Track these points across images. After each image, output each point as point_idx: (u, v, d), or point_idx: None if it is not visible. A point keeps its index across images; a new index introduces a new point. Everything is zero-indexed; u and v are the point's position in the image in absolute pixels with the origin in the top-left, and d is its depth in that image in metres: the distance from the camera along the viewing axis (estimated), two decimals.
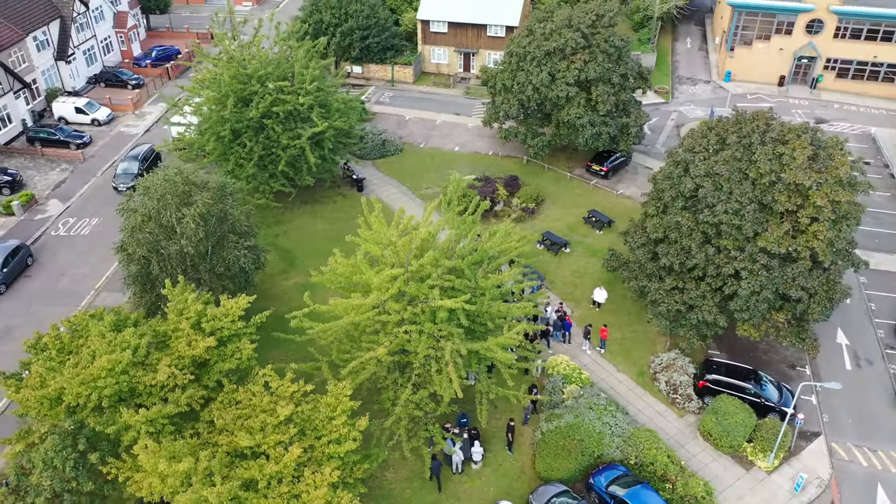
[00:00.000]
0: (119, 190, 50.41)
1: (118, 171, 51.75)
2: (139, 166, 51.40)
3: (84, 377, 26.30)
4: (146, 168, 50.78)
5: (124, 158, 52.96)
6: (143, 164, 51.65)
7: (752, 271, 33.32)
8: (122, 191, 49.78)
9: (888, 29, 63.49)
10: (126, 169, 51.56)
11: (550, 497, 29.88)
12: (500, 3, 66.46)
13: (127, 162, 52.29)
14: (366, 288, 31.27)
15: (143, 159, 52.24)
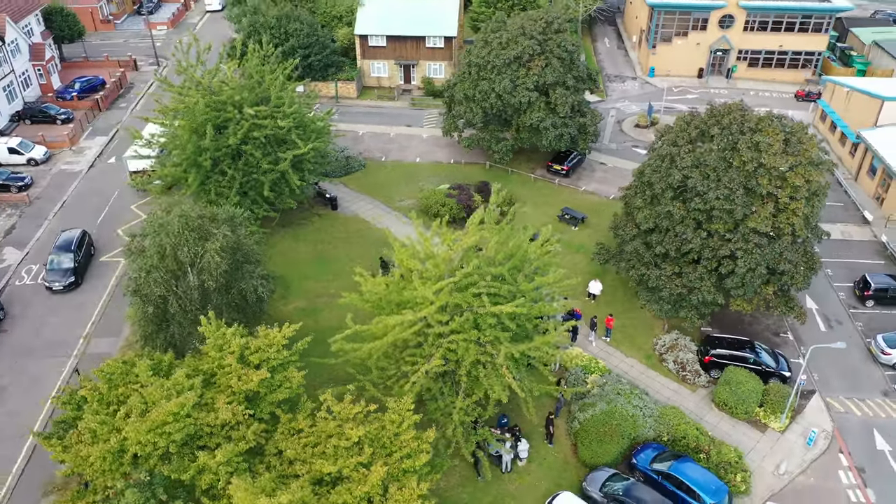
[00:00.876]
0: (54, 290, 43.50)
1: (48, 265, 44.08)
2: (74, 258, 44.25)
3: (150, 425, 25.54)
4: (83, 258, 44.94)
5: (52, 250, 45.12)
6: (78, 254, 44.67)
7: (746, 250, 36.35)
8: (57, 290, 43.49)
9: (790, 20, 69.78)
10: (58, 263, 43.96)
11: (604, 481, 31.58)
12: (436, 15, 67.91)
13: (56, 254, 44.51)
14: (406, 303, 31.75)
15: (77, 247, 44.97)
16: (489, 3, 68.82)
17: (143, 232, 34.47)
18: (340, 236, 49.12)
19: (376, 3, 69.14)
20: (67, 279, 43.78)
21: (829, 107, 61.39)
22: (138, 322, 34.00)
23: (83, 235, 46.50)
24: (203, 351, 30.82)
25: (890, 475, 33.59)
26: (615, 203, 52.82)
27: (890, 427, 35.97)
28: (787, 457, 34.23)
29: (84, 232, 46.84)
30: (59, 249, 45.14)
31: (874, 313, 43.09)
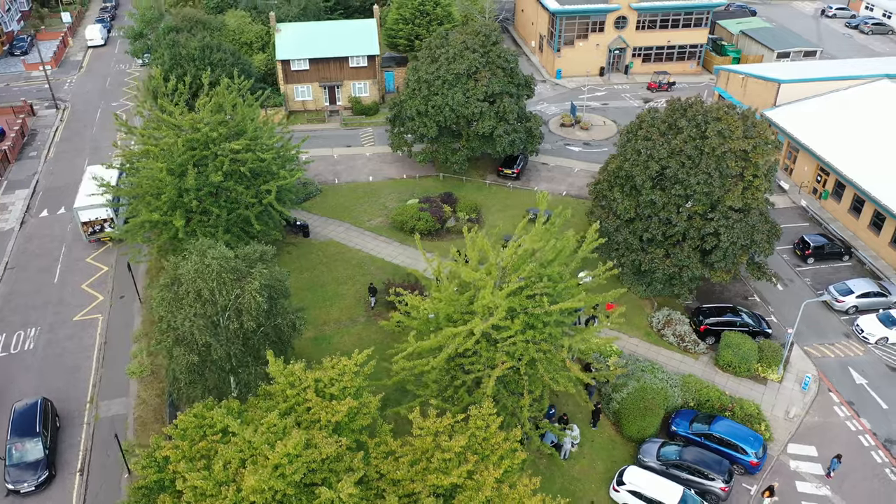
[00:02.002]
0: (20, 492, 33.40)
1: (9, 459, 33.81)
2: (42, 443, 34.32)
3: (267, 473, 25.25)
4: (52, 438, 35.32)
5: (8, 435, 34.63)
6: (45, 436, 34.85)
7: (727, 226, 40.73)
8: (24, 492, 33.46)
9: (675, 17, 76.94)
10: (22, 455, 33.90)
11: (658, 449, 34.48)
12: (357, 35, 68.67)
13: (20, 440, 34.33)
14: (461, 315, 32.92)
15: (43, 426, 35.06)
16: (406, 19, 70.44)
17: (171, 280, 33.28)
18: (321, 262, 49.02)
19: (293, 28, 68.85)
20: (39, 475, 33.63)
21: (726, 92, 68.54)
22: (181, 373, 32.71)
23: (45, 405, 36.13)
24: (272, 391, 30.49)
25: (874, 404, 38.96)
26: (569, 199, 56.44)
27: (860, 363, 41.58)
28: (790, 403, 38.81)
29: (45, 401, 36.42)
30: (18, 433, 34.56)
31: (816, 268, 49.21)
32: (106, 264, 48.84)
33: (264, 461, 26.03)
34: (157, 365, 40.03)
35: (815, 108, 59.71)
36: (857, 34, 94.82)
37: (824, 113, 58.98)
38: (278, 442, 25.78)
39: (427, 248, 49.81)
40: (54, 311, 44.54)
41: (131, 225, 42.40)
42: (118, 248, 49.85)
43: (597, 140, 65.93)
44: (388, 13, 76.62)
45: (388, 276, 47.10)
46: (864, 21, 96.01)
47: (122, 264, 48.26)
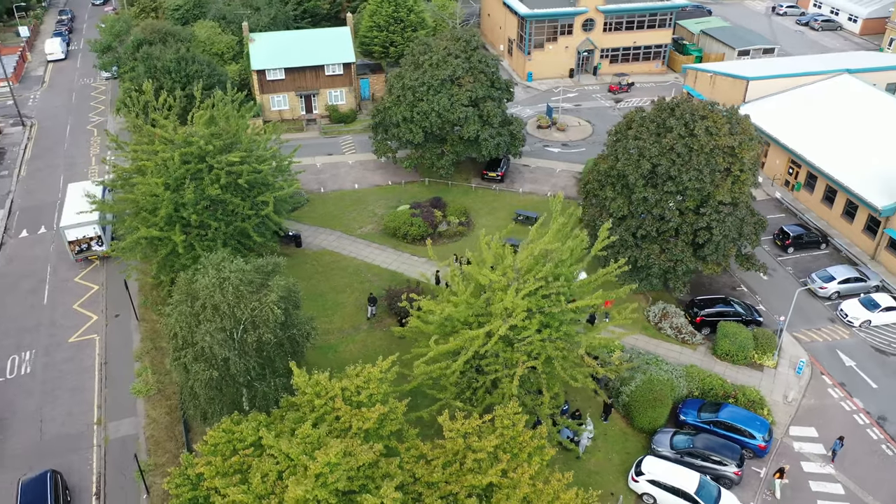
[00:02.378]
0: None
1: None
2: None
3: (311, 482, 25.36)
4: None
5: None
6: None
7: (719, 220, 42.22)
8: None
9: (640, 19, 78.98)
10: None
11: (671, 439, 35.60)
12: (332, 43, 68.68)
13: None
14: (477, 318, 33.44)
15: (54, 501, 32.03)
16: (380, 26, 70.73)
17: (186, 295, 32.98)
18: (317, 271, 48.99)
19: (267, 38, 68.48)
20: None
21: (695, 90, 70.66)
22: (201, 389, 32.42)
23: (55, 479, 33.11)
24: (297, 402, 30.53)
25: (864, 384, 40.84)
26: (555, 200, 57.40)
27: (846, 346, 43.52)
28: (787, 387, 40.42)
29: (54, 474, 33.40)
30: None
31: (797, 257, 51.23)
32: (96, 283, 47.90)
33: (303, 472, 26.15)
34: (163, 383, 39.55)
35: (783, 104, 62.07)
36: (808, 31, 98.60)
37: (792, 108, 61.37)
38: (318, 451, 25.92)
39: (420, 254, 50.47)
40: (48, 333, 43.56)
41: (128, 242, 41.69)
42: (107, 266, 49.00)
43: (574, 141, 67.26)
44: (360, 20, 76.82)
45: (386, 284, 47.36)
46: (814, 18, 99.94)
47: (114, 282, 47.46)
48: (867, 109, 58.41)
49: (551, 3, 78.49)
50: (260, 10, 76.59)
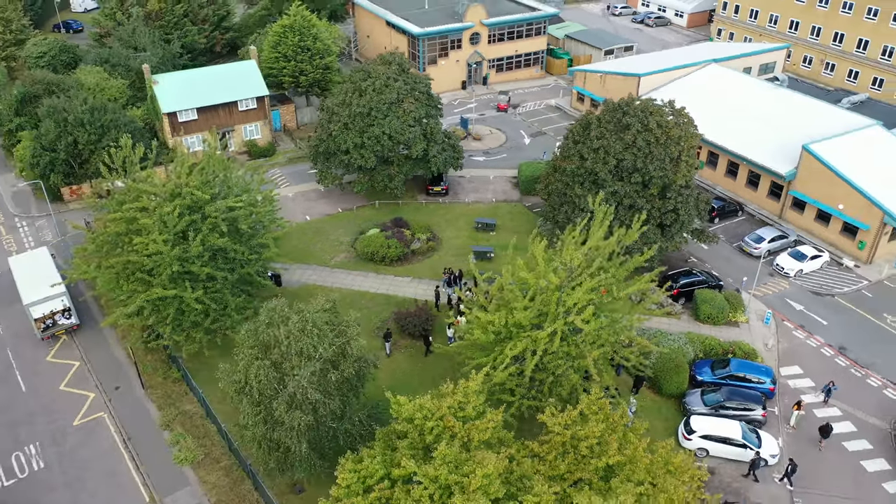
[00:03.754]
0: None
1: None
2: None
3: (481, 497, 26.48)
4: None
5: None
6: None
7: (684, 202, 47.74)
8: None
9: (519, 29, 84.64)
10: None
11: (701, 397, 40.18)
12: (241, 77, 67.17)
13: None
14: (539, 318, 35.76)
15: None
16: (287, 56, 69.97)
17: (258, 347, 32.23)
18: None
19: (172, 79, 65.57)
20: None
21: (585, 90, 77.25)
22: (300, 436, 31.71)
23: None
24: (403, 430, 31.10)
25: (817, 323, 48.08)
26: (500, 205, 60.89)
27: (791, 294, 50.83)
28: (763, 337, 46.69)
29: None
30: None
31: (723, 226, 58.47)
32: (72, 359, 44.13)
33: (460, 489, 27.17)
34: (207, 445, 37.80)
35: (671, 94, 69.62)
36: (644, 28, 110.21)
37: (679, 96, 69.09)
38: (476, 466, 27.09)
39: (403, 274, 51.68)
40: (46, 422, 39.71)
41: (132, 309, 39.17)
42: (78, 339, 45.29)
43: (493, 148, 71.03)
44: (247, 54, 75.38)
45: (382, 309, 48.03)
46: (648, 16, 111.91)
47: (95, 355, 44.15)
48: (741, 91, 67.59)
49: (435, 19, 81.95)
50: (146, 50, 72.77)
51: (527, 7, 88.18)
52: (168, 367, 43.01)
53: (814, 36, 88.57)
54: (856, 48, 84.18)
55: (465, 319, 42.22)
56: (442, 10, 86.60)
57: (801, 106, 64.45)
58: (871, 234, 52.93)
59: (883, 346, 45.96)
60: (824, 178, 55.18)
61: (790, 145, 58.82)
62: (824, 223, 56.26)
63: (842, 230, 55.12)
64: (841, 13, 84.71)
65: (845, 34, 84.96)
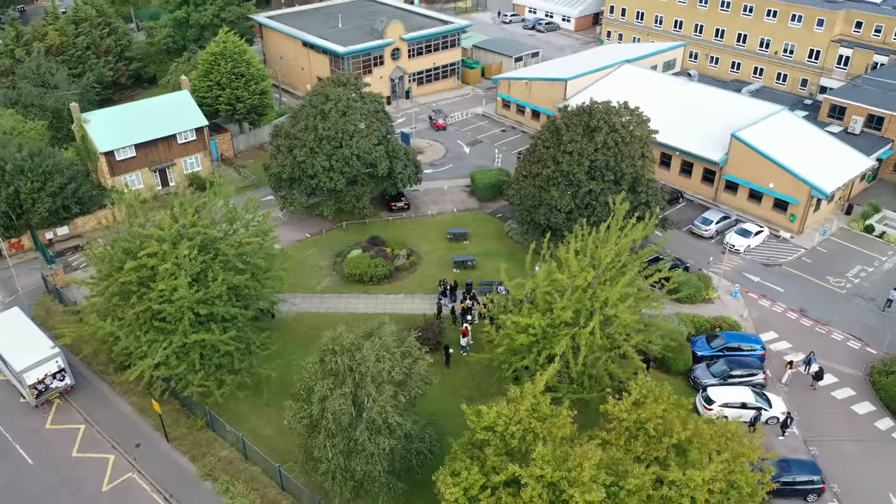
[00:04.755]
0: None
1: None
2: None
3: (597, 490, 28.01)
4: None
5: None
6: None
7: (654, 194, 51.65)
8: None
9: (435, 43, 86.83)
10: None
11: (708, 369, 43.88)
12: (178, 109, 64.64)
13: None
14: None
15: None
16: (220, 84, 67.89)
17: (332, 377, 32.08)
18: (313, 337, 46.97)
19: (104, 116, 62.07)
20: None
21: (511, 97, 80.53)
22: (382, 461, 31.84)
23: None
24: (483, 438, 32.04)
25: (775, 291, 53.45)
26: (463, 214, 62.64)
27: (746, 268, 56.07)
28: (736, 309, 51.37)
29: None
30: None
31: (668, 212, 63.26)
32: (75, 422, 41.28)
33: (569, 485, 28.63)
34: (258, 488, 36.79)
35: (596, 95, 73.96)
36: (537, 34, 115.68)
37: (604, 97, 73.67)
38: (583, 460, 28.66)
39: (394, 292, 52.29)
40: (70, 492, 37.00)
41: (159, 358, 37.35)
42: (75, 399, 42.41)
43: (437, 160, 72.59)
44: (171, 83, 72.68)
45: (398, 326, 48.07)
46: (539, 22, 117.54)
47: (101, 414, 41.60)
48: (660, 88, 73.22)
49: (353, 37, 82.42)
50: (58, 87, 68.25)
51: (438, 20, 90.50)
52: (185, 416, 41.26)
53: (697, 33, 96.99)
54: (736, 42, 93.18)
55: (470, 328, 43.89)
56: (356, 27, 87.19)
57: (716, 98, 70.88)
58: (801, 207, 59.43)
59: (834, 305, 51.94)
60: (753, 161, 61.23)
61: (717, 134, 64.68)
62: (757, 202, 62.40)
63: (773, 206, 61.42)
64: (720, 11, 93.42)
65: (726, 30, 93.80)
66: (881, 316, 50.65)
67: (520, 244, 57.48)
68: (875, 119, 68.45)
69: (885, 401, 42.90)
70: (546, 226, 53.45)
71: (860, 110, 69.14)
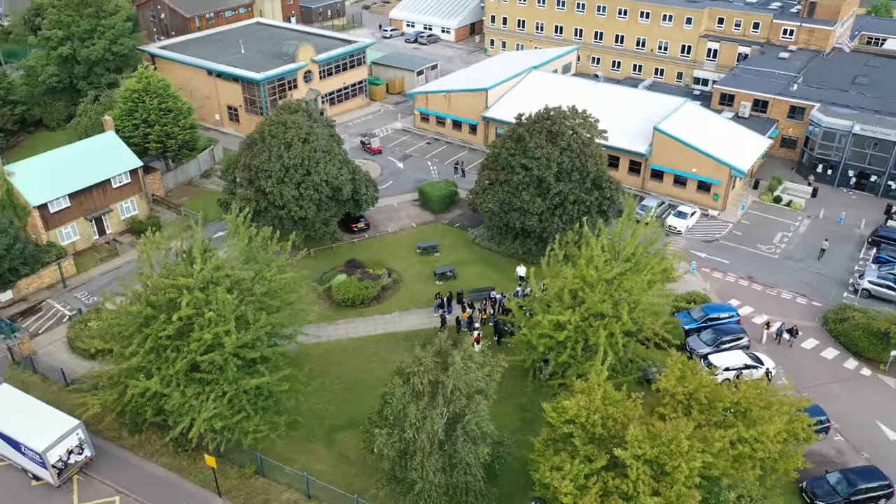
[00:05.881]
0: None
1: None
2: None
3: (700, 456, 30.89)
4: None
5: None
6: None
7: (615, 190, 55.89)
8: None
9: (344, 63, 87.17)
10: None
11: (700, 339, 48.52)
12: (108, 152, 60.77)
13: None
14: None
15: None
16: (148, 122, 64.20)
17: (428, 392, 32.64)
18: (321, 368, 46.86)
19: (30, 167, 57.05)
20: None
21: (430, 110, 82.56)
22: (479, 469, 32.80)
23: None
24: (569, 430, 34.04)
25: (721, 263, 59.57)
26: (423, 228, 63.96)
27: (691, 246, 61.87)
28: (698, 284, 56.79)
29: None
30: None
31: None
32: (107, 495, 38.44)
33: (678, 452, 31.27)
34: None
35: (515, 101, 78.07)
36: (421, 46, 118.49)
37: (523, 102, 77.67)
38: (678, 433, 31.44)
39: (387, 311, 52.86)
40: None
41: (213, 411, 35.65)
42: (99, 471, 39.43)
43: (377, 178, 73.01)
44: (84, 123, 67.95)
45: (394, 348, 48.73)
46: (420, 35, 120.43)
47: (133, 482, 38.98)
48: (573, 90, 78.15)
49: (260, 63, 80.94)
50: None
51: (340, 40, 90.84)
52: (228, 466, 39.68)
53: (578, 37, 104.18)
54: (615, 42, 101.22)
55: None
56: (260, 52, 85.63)
57: (627, 95, 77.12)
58: (723, 186, 66.45)
59: (773, 269, 58.86)
60: (676, 150, 67.56)
61: (639, 128, 70.56)
62: (682, 186, 68.87)
63: (697, 188, 68.09)
64: (597, 16, 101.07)
65: (604, 32, 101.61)
66: (816, 274, 58.09)
67: (489, 250, 59.87)
68: (760, 103, 77.61)
69: (846, 344, 49.57)
70: (521, 229, 56.15)
71: (747, 97, 78.12)
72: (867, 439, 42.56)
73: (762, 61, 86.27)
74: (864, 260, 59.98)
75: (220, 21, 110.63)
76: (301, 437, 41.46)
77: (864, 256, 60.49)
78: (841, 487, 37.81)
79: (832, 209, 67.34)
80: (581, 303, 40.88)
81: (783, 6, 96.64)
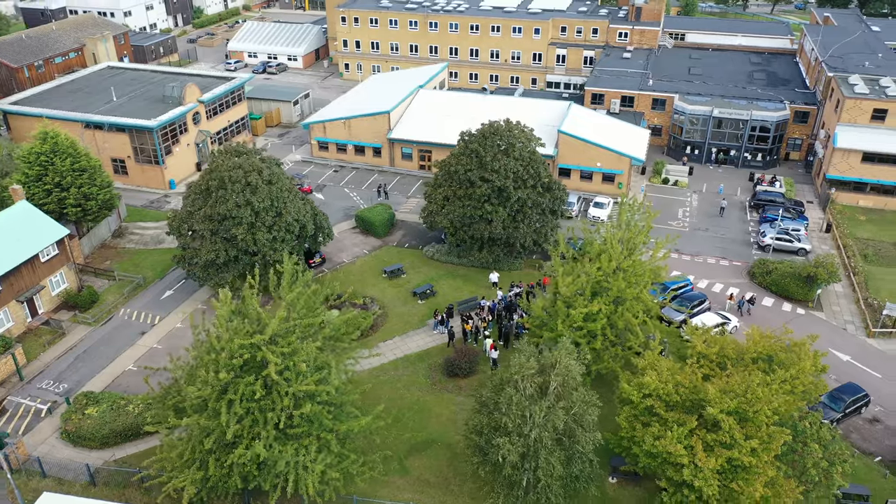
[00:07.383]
0: None
1: None
2: None
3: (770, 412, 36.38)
4: None
5: None
6: None
7: (563, 192, 61.18)
8: None
9: (226, 100, 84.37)
10: None
11: (673, 309, 55.05)
12: (30, 224, 54.54)
13: None
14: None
15: None
16: (63, 185, 57.98)
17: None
18: (373, 399, 46.66)
19: None
20: None
21: (328, 138, 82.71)
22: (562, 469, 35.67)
23: None
24: (646, 405, 38.11)
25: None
26: (378, 252, 64.91)
27: None
28: None
29: None
30: None
31: None
32: None
33: (749, 405, 36.53)
34: None
35: (415, 119, 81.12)
36: (270, 76, 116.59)
37: (420, 120, 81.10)
38: (751, 384, 36.72)
39: (385, 338, 53.87)
40: None
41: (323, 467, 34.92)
42: None
43: None
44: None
45: (404, 373, 49.86)
46: (268, 65, 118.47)
47: None
48: (465, 104, 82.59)
49: (141, 109, 76.28)
50: None
51: (215, 78, 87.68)
52: None
53: (433, 53, 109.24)
54: (470, 56, 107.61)
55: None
56: (136, 97, 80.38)
57: (517, 104, 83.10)
58: (625, 176, 74.65)
59: (688, 240, 67.53)
60: (579, 148, 74.65)
61: (539, 133, 76.35)
62: (588, 180, 76.19)
63: (602, 180, 75.75)
64: (451, 32, 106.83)
65: (458, 48, 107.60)
66: (723, 238, 67.69)
67: (450, 263, 62.40)
68: (627, 99, 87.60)
69: (777, 292, 58.87)
70: (488, 237, 59.41)
71: (615, 94, 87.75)
72: (828, 362, 51.35)
73: (610, 62, 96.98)
74: (753, 222, 70.88)
75: (51, 69, 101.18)
76: (375, 472, 41.43)
77: (751, 219, 71.48)
78: (836, 405, 45.75)
79: (710, 182, 78.38)
80: (603, 292, 45.21)
81: (609, 12, 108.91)
